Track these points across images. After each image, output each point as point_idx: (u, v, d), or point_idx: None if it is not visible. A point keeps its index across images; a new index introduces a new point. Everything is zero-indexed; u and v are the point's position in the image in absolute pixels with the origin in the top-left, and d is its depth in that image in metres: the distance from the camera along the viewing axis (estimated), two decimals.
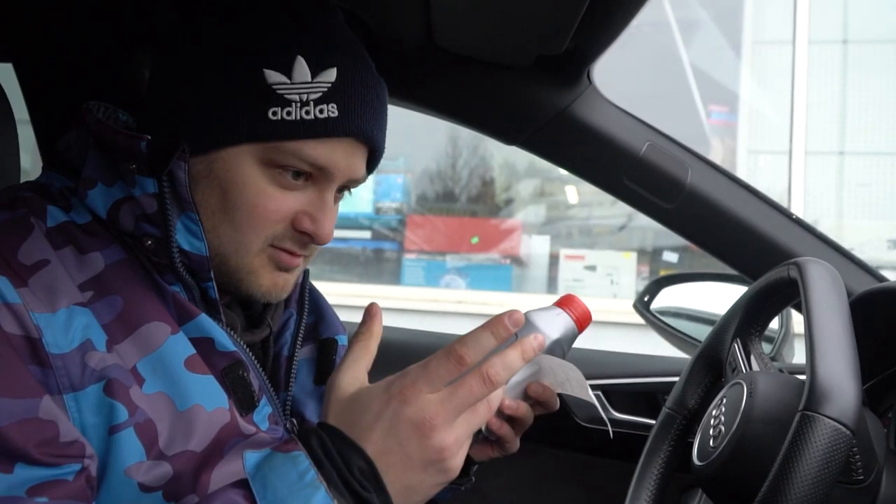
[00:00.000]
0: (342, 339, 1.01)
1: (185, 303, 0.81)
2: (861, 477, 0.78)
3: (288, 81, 0.80)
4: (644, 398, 1.50)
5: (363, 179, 0.90)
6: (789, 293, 0.96)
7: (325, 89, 0.81)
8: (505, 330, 0.72)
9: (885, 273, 1.33)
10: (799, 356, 1.32)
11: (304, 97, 0.80)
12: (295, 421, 0.94)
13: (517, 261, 5.22)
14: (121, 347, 0.76)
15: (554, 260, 5.13)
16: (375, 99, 0.86)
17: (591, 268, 5.03)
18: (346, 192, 0.92)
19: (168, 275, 0.82)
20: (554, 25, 1.05)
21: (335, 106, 0.81)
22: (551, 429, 1.53)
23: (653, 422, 1.13)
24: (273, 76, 0.80)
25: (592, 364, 1.58)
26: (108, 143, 0.81)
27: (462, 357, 0.70)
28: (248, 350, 0.86)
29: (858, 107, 4.96)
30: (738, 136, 5.11)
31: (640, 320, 1.63)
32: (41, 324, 0.72)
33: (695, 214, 1.29)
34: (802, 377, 0.76)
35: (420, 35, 1.15)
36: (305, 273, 0.99)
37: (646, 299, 1.58)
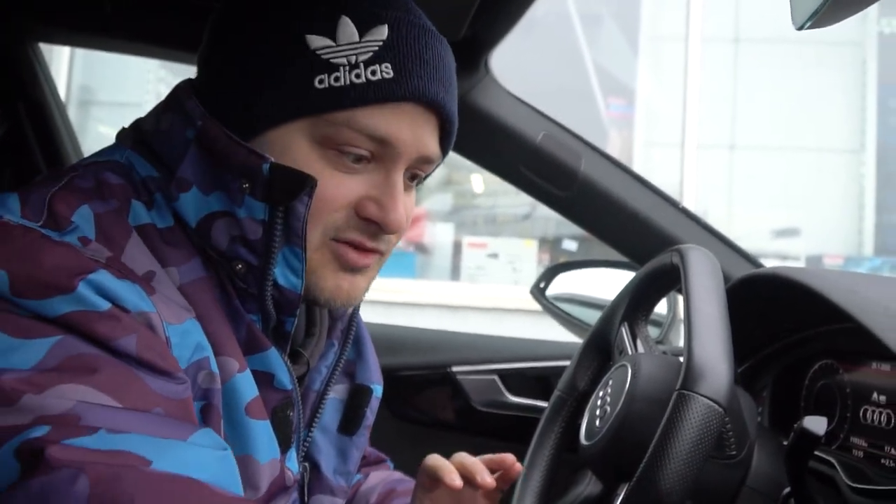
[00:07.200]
0: (377, 391, 0.92)
1: (258, 333, 0.74)
2: (734, 452, 0.81)
3: (333, 44, 0.69)
4: (538, 382, 1.54)
5: (437, 159, 0.77)
6: (672, 279, 1.00)
7: (377, 48, 0.70)
8: None
9: (767, 261, 1.39)
10: None
11: (353, 59, 0.69)
12: (307, 466, 0.86)
13: (421, 248, 5.23)
14: None
15: (458, 248, 5.17)
16: (436, 57, 0.74)
17: (494, 255, 5.09)
18: (419, 181, 0.79)
19: (250, 303, 0.74)
20: (450, 12, 1.05)
21: (389, 66, 0.70)
22: (449, 413, 1.54)
23: (546, 404, 1.15)
24: (316, 41, 0.70)
25: (489, 349, 1.61)
26: (219, 152, 0.71)
27: None
28: (297, 387, 0.79)
29: (748, 103, 5.18)
30: (634, 128, 5.26)
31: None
32: (171, 335, 0.66)
33: (587, 202, 1.33)
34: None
35: None
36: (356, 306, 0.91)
37: (542, 286, 1.61)
